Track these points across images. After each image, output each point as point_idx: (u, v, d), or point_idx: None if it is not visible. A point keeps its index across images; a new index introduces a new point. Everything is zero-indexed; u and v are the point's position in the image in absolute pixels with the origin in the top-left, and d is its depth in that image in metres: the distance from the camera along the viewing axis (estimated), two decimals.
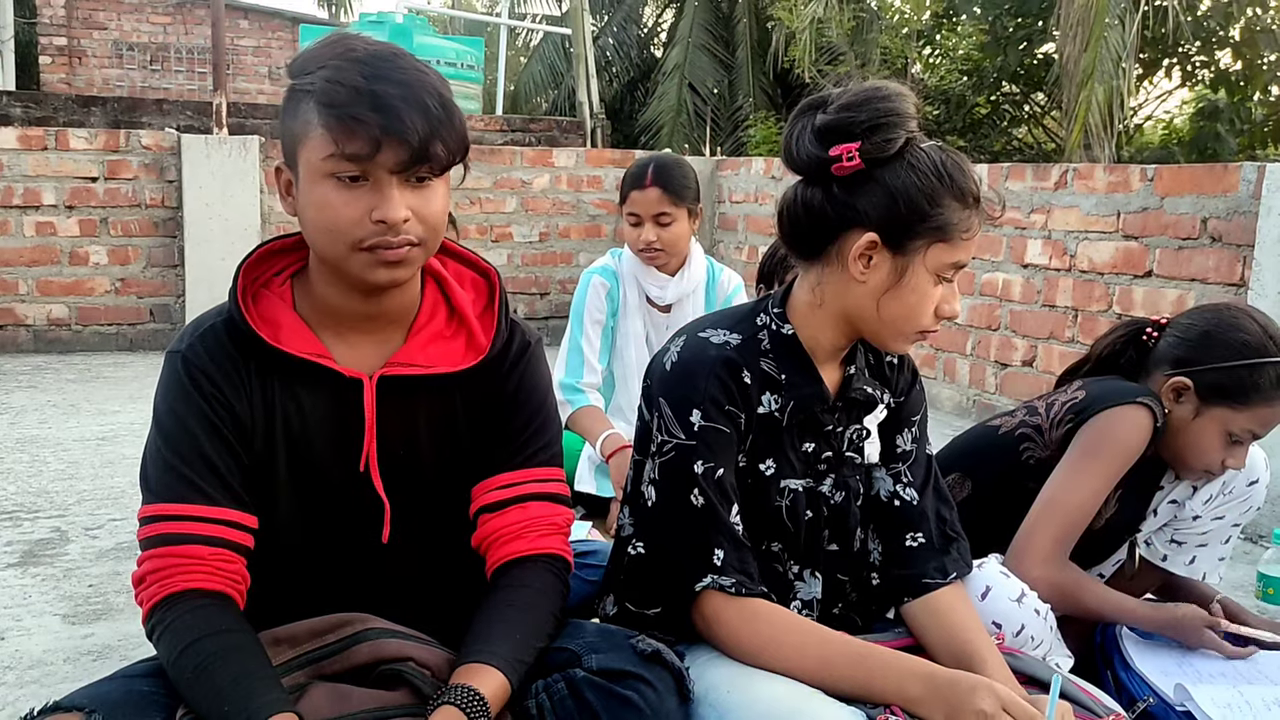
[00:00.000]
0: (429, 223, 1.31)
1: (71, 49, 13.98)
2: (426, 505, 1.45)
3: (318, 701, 1.24)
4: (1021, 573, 1.73)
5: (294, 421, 1.38)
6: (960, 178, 1.41)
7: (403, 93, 1.25)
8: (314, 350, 1.37)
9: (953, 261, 1.42)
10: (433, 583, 1.48)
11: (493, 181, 6.78)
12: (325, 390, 1.38)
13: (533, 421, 1.48)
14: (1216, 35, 10.41)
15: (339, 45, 1.30)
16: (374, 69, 1.26)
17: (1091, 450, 1.86)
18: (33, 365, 5.63)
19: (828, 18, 10.52)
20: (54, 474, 3.60)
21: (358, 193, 1.27)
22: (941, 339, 5.18)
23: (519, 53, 17.18)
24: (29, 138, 5.92)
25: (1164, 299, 3.93)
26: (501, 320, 1.46)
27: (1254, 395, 1.84)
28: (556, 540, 1.46)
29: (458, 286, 1.48)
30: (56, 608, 2.50)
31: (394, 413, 1.40)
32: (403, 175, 1.27)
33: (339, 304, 1.38)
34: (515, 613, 1.36)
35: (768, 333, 1.53)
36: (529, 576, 1.41)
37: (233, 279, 1.38)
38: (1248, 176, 3.56)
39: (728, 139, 13.21)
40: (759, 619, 1.42)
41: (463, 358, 1.43)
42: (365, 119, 1.23)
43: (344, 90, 1.24)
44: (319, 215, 1.28)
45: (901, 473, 1.61)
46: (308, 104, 1.26)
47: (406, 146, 1.24)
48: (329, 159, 1.25)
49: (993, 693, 1.30)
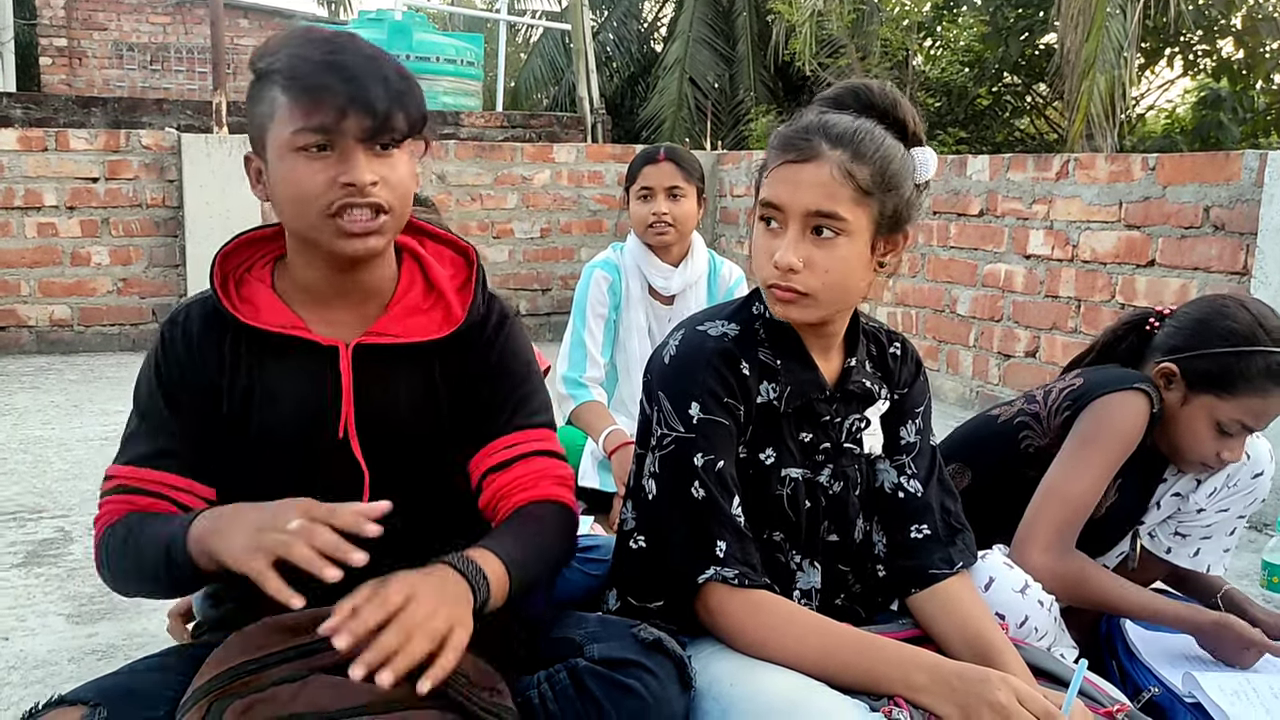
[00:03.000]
0: (396, 190, 1.36)
1: (71, 50, 13.98)
2: (406, 475, 1.46)
3: (317, 694, 1.24)
4: (1024, 563, 1.73)
5: (272, 393, 1.42)
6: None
7: (365, 64, 1.32)
8: (290, 323, 1.42)
9: (760, 200, 1.46)
10: (412, 554, 1.48)
11: (493, 178, 6.78)
12: (303, 361, 1.43)
13: (521, 387, 1.52)
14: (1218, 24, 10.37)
15: (297, 33, 1.37)
16: (335, 45, 1.33)
17: (1090, 437, 1.85)
18: (35, 366, 5.64)
19: (828, 10, 10.49)
20: (58, 474, 3.61)
21: (325, 162, 1.32)
22: (944, 330, 5.18)
23: (519, 49, 17.17)
24: (29, 139, 5.92)
25: (1167, 288, 3.92)
26: (478, 294, 1.51)
27: (1240, 384, 1.83)
28: (564, 492, 1.50)
29: (435, 263, 1.52)
30: (61, 608, 2.51)
31: (373, 382, 1.44)
32: (368, 143, 1.32)
33: (315, 280, 1.43)
34: (521, 528, 1.41)
35: (763, 321, 1.53)
36: (539, 510, 1.45)
37: (211, 263, 1.44)
38: (1250, 165, 3.55)
39: (729, 133, 13.20)
40: (762, 610, 1.42)
41: (439, 328, 1.47)
42: (331, 87, 1.29)
43: (308, 64, 1.31)
44: (287, 188, 1.34)
45: (905, 464, 1.60)
46: (272, 86, 1.33)
47: (371, 114, 1.30)
48: (297, 133, 1.31)
49: (1007, 684, 1.29)
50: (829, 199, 1.39)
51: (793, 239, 1.41)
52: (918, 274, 5.33)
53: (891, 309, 5.52)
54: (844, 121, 1.44)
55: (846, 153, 1.40)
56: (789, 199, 1.41)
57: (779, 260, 1.41)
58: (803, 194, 1.40)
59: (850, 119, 1.44)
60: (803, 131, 1.43)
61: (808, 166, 1.40)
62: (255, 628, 1.33)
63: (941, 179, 5.10)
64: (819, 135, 1.42)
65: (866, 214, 1.42)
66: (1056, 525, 1.82)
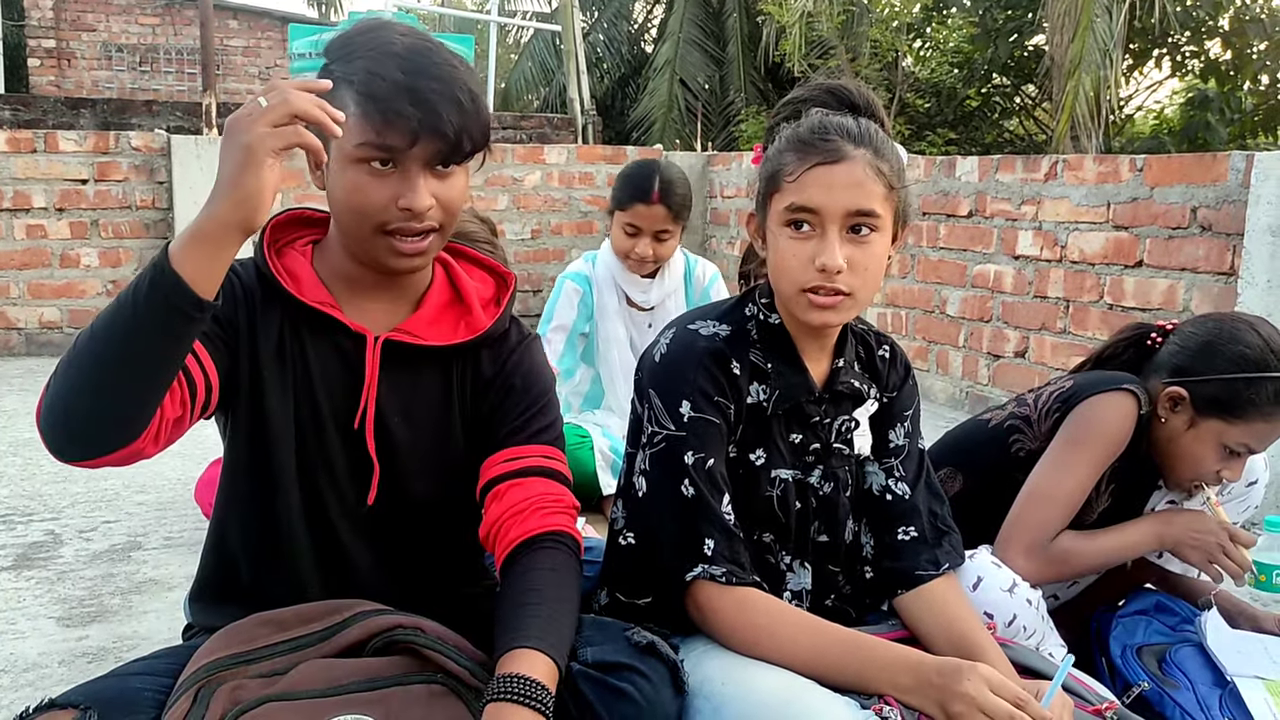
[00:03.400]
0: (449, 208, 1.38)
1: (60, 51, 13.95)
2: (415, 475, 1.47)
3: (305, 675, 1.25)
4: (1007, 563, 1.73)
5: (300, 368, 1.43)
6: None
7: (441, 88, 1.31)
8: (327, 301, 1.43)
9: (786, 205, 1.43)
10: (414, 556, 1.50)
11: (484, 179, 6.78)
12: (333, 343, 1.44)
13: (536, 403, 1.51)
14: (1206, 25, 10.42)
15: (377, 36, 1.35)
16: (413, 64, 1.31)
17: (1075, 438, 1.85)
18: (25, 368, 5.62)
19: (818, 11, 10.52)
20: (47, 477, 3.60)
21: (388, 180, 1.32)
22: (934, 331, 5.19)
23: (509, 50, 17.17)
24: (18, 140, 5.90)
25: (1155, 289, 3.94)
26: (505, 311, 1.53)
27: (1250, 409, 1.80)
28: (564, 519, 1.46)
29: (466, 276, 1.54)
30: (51, 610, 2.50)
31: (394, 379, 1.45)
32: (431, 165, 1.33)
33: (354, 272, 1.44)
34: (542, 598, 1.34)
35: (756, 323, 1.54)
36: (543, 559, 1.39)
37: (259, 232, 1.43)
38: (1236, 165, 3.57)
39: (719, 134, 13.22)
40: (752, 609, 1.43)
41: (462, 333, 1.49)
42: (405, 113, 1.29)
43: (385, 84, 1.29)
44: (348, 197, 1.34)
45: (894, 467, 1.61)
46: (345, 89, 1.31)
47: (442, 140, 1.31)
48: (363, 146, 1.31)
49: (978, 674, 1.30)
50: (867, 197, 1.40)
51: (834, 240, 1.40)
52: (907, 275, 5.34)
53: (882, 309, 5.54)
54: (851, 120, 1.45)
55: (869, 150, 1.42)
56: (826, 200, 1.40)
57: (826, 263, 1.39)
58: (839, 195, 1.40)
59: (852, 118, 1.46)
60: (822, 132, 1.43)
61: (839, 167, 1.40)
62: (244, 622, 1.34)
63: (930, 180, 5.11)
64: (839, 135, 1.42)
65: (892, 209, 1.44)
66: (1039, 524, 1.81)
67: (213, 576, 1.51)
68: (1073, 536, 1.84)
